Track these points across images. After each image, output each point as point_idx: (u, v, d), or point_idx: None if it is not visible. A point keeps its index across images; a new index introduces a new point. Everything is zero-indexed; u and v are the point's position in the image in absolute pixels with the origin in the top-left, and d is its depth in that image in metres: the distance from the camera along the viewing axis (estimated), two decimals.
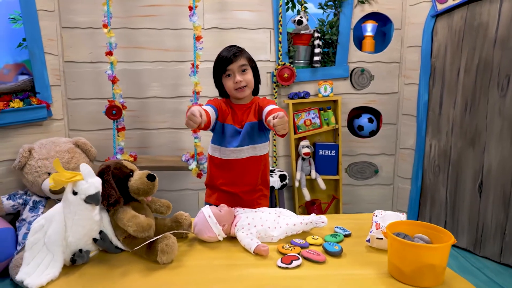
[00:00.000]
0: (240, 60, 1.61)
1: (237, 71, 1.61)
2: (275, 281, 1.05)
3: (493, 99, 2.43)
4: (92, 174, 1.05)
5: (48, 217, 1.05)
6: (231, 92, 1.67)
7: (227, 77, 1.63)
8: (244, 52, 1.65)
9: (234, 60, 1.60)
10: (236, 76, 1.61)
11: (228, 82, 1.63)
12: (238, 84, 1.61)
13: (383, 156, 3.05)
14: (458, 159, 2.67)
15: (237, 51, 1.62)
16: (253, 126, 1.68)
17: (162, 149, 2.86)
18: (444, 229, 1.12)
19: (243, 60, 1.63)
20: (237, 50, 1.63)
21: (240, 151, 1.67)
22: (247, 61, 1.64)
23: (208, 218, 1.23)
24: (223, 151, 1.69)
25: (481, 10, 2.45)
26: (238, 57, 1.61)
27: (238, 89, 1.63)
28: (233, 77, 1.62)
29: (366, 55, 2.92)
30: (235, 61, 1.60)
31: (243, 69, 1.62)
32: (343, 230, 1.35)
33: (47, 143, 2.45)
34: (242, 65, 1.62)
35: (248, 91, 1.66)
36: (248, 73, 1.64)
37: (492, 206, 2.49)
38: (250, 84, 1.65)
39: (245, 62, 1.63)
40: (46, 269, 1.01)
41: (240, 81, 1.61)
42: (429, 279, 1.03)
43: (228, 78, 1.63)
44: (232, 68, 1.61)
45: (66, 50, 2.69)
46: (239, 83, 1.61)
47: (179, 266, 1.11)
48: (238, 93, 1.64)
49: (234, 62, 1.60)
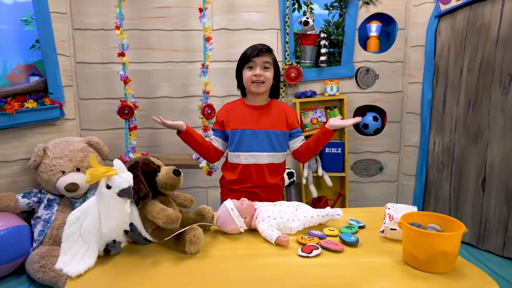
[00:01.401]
0: (265, 56, 1.68)
1: (260, 65, 1.67)
2: (297, 269, 1.12)
3: (495, 97, 2.50)
4: (124, 169, 1.11)
5: (83, 209, 1.11)
6: (247, 84, 1.72)
7: (249, 69, 1.69)
8: (271, 52, 1.72)
9: (260, 54, 1.67)
10: (257, 70, 1.67)
11: (248, 72, 1.69)
12: (257, 77, 1.67)
13: (388, 153, 3.12)
14: (461, 156, 2.74)
15: (264, 48, 1.69)
16: (277, 135, 1.74)
17: (172, 148, 2.92)
18: (455, 219, 1.19)
19: (268, 58, 1.69)
20: (265, 47, 1.70)
21: (260, 156, 1.74)
22: (271, 60, 1.70)
23: (230, 211, 1.30)
24: (244, 156, 1.75)
25: (483, 11, 2.52)
26: (264, 53, 1.68)
27: (255, 82, 1.68)
28: (254, 69, 1.68)
29: (371, 55, 2.98)
30: (261, 56, 1.67)
31: (266, 66, 1.69)
32: (357, 222, 1.42)
33: (61, 142, 2.51)
34: (266, 62, 1.69)
35: (264, 88, 1.70)
36: (269, 71, 1.70)
37: (495, 201, 2.55)
38: (268, 82, 1.70)
39: (269, 60, 1.70)
40: (82, 258, 1.07)
41: (260, 75, 1.66)
42: (442, 265, 1.10)
43: (249, 69, 1.69)
44: (256, 60, 1.67)
45: (78, 51, 2.75)
46: (258, 76, 1.67)
47: (206, 256, 1.18)
48: (253, 87, 1.70)
49: (259, 56, 1.67)
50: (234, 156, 1.78)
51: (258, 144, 1.74)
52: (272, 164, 1.79)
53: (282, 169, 1.88)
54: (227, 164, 1.86)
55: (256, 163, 1.75)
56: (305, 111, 2.91)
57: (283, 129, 1.76)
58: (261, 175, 1.76)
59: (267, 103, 1.78)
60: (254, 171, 1.75)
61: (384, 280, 1.06)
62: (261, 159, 1.75)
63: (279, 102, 1.85)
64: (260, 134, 1.73)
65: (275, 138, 1.74)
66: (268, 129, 1.74)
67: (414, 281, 1.05)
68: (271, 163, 1.78)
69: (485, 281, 1.07)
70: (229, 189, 1.83)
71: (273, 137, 1.74)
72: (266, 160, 1.76)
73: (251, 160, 1.75)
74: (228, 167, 1.84)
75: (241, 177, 1.77)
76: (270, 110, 1.77)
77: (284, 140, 1.79)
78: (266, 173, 1.76)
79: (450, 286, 1.03)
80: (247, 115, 1.75)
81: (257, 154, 1.74)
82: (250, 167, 1.75)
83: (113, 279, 1.04)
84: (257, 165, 1.75)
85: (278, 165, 1.82)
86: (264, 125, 1.74)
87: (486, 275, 1.09)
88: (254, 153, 1.74)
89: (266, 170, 1.76)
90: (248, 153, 1.74)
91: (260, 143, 1.73)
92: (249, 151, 1.74)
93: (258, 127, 1.73)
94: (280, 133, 1.75)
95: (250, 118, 1.74)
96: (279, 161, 1.81)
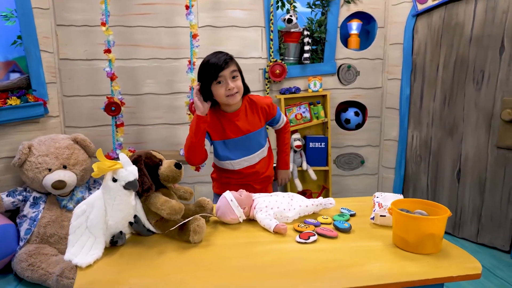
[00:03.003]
0: (231, 66, 1.61)
1: (229, 77, 1.61)
2: (296, 254, 1.18)
3: (469, 93, 2.64)
4: (130, 163, 1.14)
5: (89, 202, 1.14)
6: (221, 99, 1.66)
7: (218, 84, 1.62)
8: (233, 59, 1.66)
9: (225, 67, 1.59)
10: (229, 83, 1.61)
11: (220, 89, 1.62)
12: (231, 91, 1.62)
13: (369, 147, 3.24)
14: (438, 149, 2.88)
15: (227, 58, 1.62)
16: (260, 132, 1.80)
17: (158, 144, 2.93)
18: (439, 204, 1.28)
19: (233, 66, 1.64)
20: (227, 57, 1.63)
21: (252, 158, 1.81)
22: (236, 67, 1.66)
23: (230, 202, 1.35)
24: (237, 163, 1.80)
25: (457, 11, 2.65)
26: (229, 64, 1.61)
27: (229, 95, 1.64)
28: (225, 84, 1.61)
29: (352, 52, 3.09)
30: (227, 68, 1.60)
31: (234, 76, 1.63)
32: (348, 210, 1.50)
33: (46, 139, 2.48)
34: (233, 71, 1.63)
35: (238, 97, 1.68)
36: (238, 80, 1.65)
37: (469, 191, 2.71)
38: (241, 90, 1.68)
39: (235, 68, 1.64)
40: (89, 250, 1.10)
41: (233, 87, 1.62)
42: (429, 247, 1.19)
43: (220, 85, 1.62)
44: (224, 74, 1.60)
45: (61, 47, 2.72)
46: (232, 89, 1.62)
47: (209, 245, 1.23)
48: (230, 100, 1.65)
49: (225, 69, 1.59)
50: (225, 164, 1.82)
51: (245, 149, 1.79)
52: (263, 159, 1.88)
53: (271, 158, 1.97)
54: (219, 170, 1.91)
55: (248, 165, 1.83)
56: (289, 106, 2.98)
57: (261, 126, 1.82)
58: (255, 171, 1.85)
59: (241, 105, 1.77)
60: (247, 170, 1.84)
61: (377, 262, 1.13)
62: (253, 160, 1.83)
63: (249, 98, 1.81)
64: (244, 139, 1.76)
65: (258, 137, 1.81)
66: (249, 132, 1.76)
67: (405, 262, 1.14)
68: (262, 158, 1.88)
69: (468, 260, 1.16)
70: (222, 183, 1.89)
71: (256, 137, 1.80)
72: (257, 158, 1.84)
73: (244, 164, 1.82)
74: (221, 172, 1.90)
75: (236, 178, 1.85)
76: (246, 112, 1.77)
77: (265, 132, 1.87)
78: (258, 168, 1.85)
79: (438, 265, 1.12)
80: (228, 125, 1.74)
81: (248, 158, 1.81)
82: (243, 169, 1.83)
83: (122, 268, 1.08)
84: (250, 166, 1.83)
85: (267, 156, 1.92)
86: (245, 130, 1.76)
87: (469, 255, 1.19)
88: (246, 158, 1.81)
89: (257, 166, 1.86)
90: (240, 160, 1.80)
91: (247, 147, 1.79)
92: (240, 158, 1.80)
93: (240, 134, 1.74)
94: (260, 130, 1.81)
95: (231, 127, 1.74)
96: (267, 153, 1.91)
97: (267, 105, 1.82)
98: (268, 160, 1.93)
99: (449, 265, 1.13)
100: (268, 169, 1.92)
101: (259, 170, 1.86)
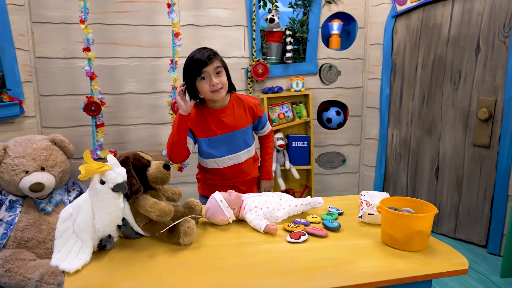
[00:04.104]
0: (215, 62, 1.62)
1: (213, 73, 1.62)
2: (288, 254, 1.18)
3: (447, 92, 2.72)
4: (118, 164, 1.12)
5: (76, 206, 1.10)
6: (206, 95, 1.66)
7: (202, 80, 1.62)
8: (217, 54, 1.66)
9: (209, 62, 1.59)
10: (213, 79, 1.61)
11: (204, 85, 1.62)
12: (215, 86, 1.62)
13: (350, 146, 3.29)
14: (417, 147, 2.95)
15: (211, 54, 1.62)
16: (248, 131, 1.79)
17: (139, 145, 2.88)
18: (426, 202, 1.31)
19: (218, 62, 1.64)
20: (211, 53, 1.63)
21: (237, 157, 1.79)
22: (220, 63, 1.66)
23: (220, 203, 1.34)
24: (221, 161, 1.78)
25: (435, 12, 2.72)
26: (213, 60, 1.61)
27: (214, 91, 1.64)
28: (209, 80, 1.62)
29: (333, 52, 3.12)
30: (211, 64, 1.60)
31: (218, 71, 1.63)
32: (336, 209, 1.51)
33: (22, 141, 2.39)
34: (217, 67, 1.63)
35: (223, 92, 1.67)
36: (222, 75, 1.66)
37: (447, 188, 2.79)
38: (225, 86, 1.67)
39: (219, 64, 1.64)
40: (77, 254, 1.07)
41: (217, 83, 1.62)
42: (417, 244, 1.22)
43: (204, 81, 1.62)
44: (207, 70, 1.60)
45: (38, 45, 2.63)
46: (216, 85, 1.62)
47: (199, 247, 1.21)
48: (214, 95, 1.65)
49: (209, 65, 1.60)
50: (210, 163, 1.80)
51: (231, 146, 1.77)
52: (249, 159, 1.87)
53: (256, 160, 1.97)
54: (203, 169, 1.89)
55: (234, 164, 1.81)
56: (272, 106, 2.99)
57: (248, 124, 1.82)
58: (240, 171, 1.83)
59: (228, 102, 1.77)
60: (232, 169, 1.81)
61: (368, 260, 1.15)
62: (238, 158, 1.81)
63: (236, 96, 1.82)
64: (230, 137, 1.76)
65: (245, 135, 1.80)
66: (235, 130, 1.76)
67: (394, 259, 1.16)
68: (248, 158, 1.86)
69: (455, 256, 1.20)
70: (207, 183, 1.87)
71: (243, 135, 1.79)
72: (243, 158, 1.82)
73: (229, 163, 1.79)
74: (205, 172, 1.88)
75: (220, 174, 1.83)
76: (233, 109, 1.77)
77: (251, 132, 1.87)
78: (244, 168, 1.84)
79: (426, 262, 1.15)
80: (213, 121, 1.74)
81: (233, 156, 1.79)
82: (228, 168, 1.81)
83: (112, 272, 1.05)
84: (235, 165, 1.81)
85: (253, 157, 1.91)
86: (231, 127, 1.75)
87: (455, 251, 1.23)
88: (231, 156, 1.79)
89: (243, 166, 1.84)
90: (225, 157, 1.78)
91: (233, 144, 1.77)
92: (225, 155, 1.78)
93: (225, 131, 1.74)
94: (247, 128, 1.81)
95: (216, 123, 1.74)
96: (253, 153, 1.91)
97: (255, 105, 1.83)
98: (254, 162, 1.92)
99: (437, 261, 1.15)
100: (254, 171, 1.92)
101: (245, 170, 1.84)
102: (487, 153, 2.53)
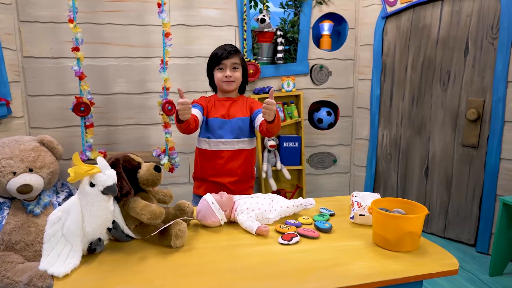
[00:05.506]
0: (234, 58, 1.82)
1: (229, 67, 1.81)
2: (280, 256, 1.18)
3: (436, 93, 2.74)
4: (108, 166, 1.10)
5: (65, 209, 1.09)
6: (218, 83, 1.86)
7: (219, 70, 1.84)
8: (238, 52, 1.85)
9: (229, 57, 1.81)
10: (227, 71, 1.82)
11: (219, 74, 1.84)
12: (228, 77, 1.82)
13: (341, 146, 3.30)
14: (407, 147, 2.97)
15: (232, 50, 1.81)
16: (245, 121, 1.86)
17: (129, 145, 2.86)
18: (417, 203, 1.32)
19: (237, 59, 1.83)
20: (233, 49, 1.82)
21: (231, 143, 1.84)
22: (239, 60, 1.85)
23: (211, 205, 1.33)
24: (213, 143, 1.85)
25: (425, 13, 2.75)
26: (232, 55, 1.81)
27: (226, 81, 1.82)
28: (225, 71, 1.83)
29: (324, 53, 3.13)
30: (229, 58, 1.82)
31: (235, 67, 1.84)
32: (328, 210, 1.51)
33: (10, 141, 2.35)
34: (235, 63, 1.83)
35: (234, 85, 1.86)
36: (238, 71, 1.85)
37: (436, 187, 2.81)
38: (238, 81, 1.87)
39: (237, 61, 1.84)
40: (66, 258, 1.05)
41: (230, 76, 1.82)
42: (408, 245, 1.22)
43: (220, 70, 1.84)
44: (225, 63, 1.82)
45: (25, 45, 2.59)
46: (228, 77, 1.81)
47: (191, 249, 1.20)
48: (225, 85, 1.84)
49: (228, 59, 1.81)
50: (203, 142, 1.89)
51: (226, 132, 1.85)
52: (242, 152, 1.87)
53: (253, 157, 1.96)
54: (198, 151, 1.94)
55: (225, 149, 1.85)
56: None
57: (247, 115, 1.91)
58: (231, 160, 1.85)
59: (236, 98, 1.92)
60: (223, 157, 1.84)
61: (360, 261, 1.15)
62: (231, 145, 1.86)
63: (246, 97, 1.97)
64: (231, 123, 1.86)
65: (243, 125, 1.87)
66: (237, 117, 1.88)
67: (386, 260, 1.16)
68: (241, 149, 1.87)
69: (445, 256, 1.21)
70: (200, 178, 1.91)
71: (242, 124, 1.87)
72: (236, 146, 1.87)
73: (221, 146, 1.85)
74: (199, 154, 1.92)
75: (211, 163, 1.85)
76: (238, 102, 1.92)
77: (251, 126, 1.92)
78: (236, 157, 1.85)
79: (417, 262, 1.15)
80: (220, 106, 1.89)
81: (226, 141, 1.85)
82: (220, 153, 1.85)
83: (102, 276, 1.04)
84: (227, 151, 1.85)
85: (248, 151, 1.90)
86: (234, 114, 1.88)
87: (446, 252, 1.24)
88: (224, 140, 1.85)
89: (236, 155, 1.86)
90: (217, 140, 1.85)
91: (231, 130, 1.85)
92: (218, 138, 1.85)
93: (229, 117, 1.87)
94: (245, 118, 1.89)
95: (222, 109, 1.87)
96: (250, 147, 1.91)
97: (255, 100, 1.96)
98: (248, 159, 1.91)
99: (427, 262, 1.16)
100: (246, 169, 1.90)
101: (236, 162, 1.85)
102: (476, 153, 2.56)
